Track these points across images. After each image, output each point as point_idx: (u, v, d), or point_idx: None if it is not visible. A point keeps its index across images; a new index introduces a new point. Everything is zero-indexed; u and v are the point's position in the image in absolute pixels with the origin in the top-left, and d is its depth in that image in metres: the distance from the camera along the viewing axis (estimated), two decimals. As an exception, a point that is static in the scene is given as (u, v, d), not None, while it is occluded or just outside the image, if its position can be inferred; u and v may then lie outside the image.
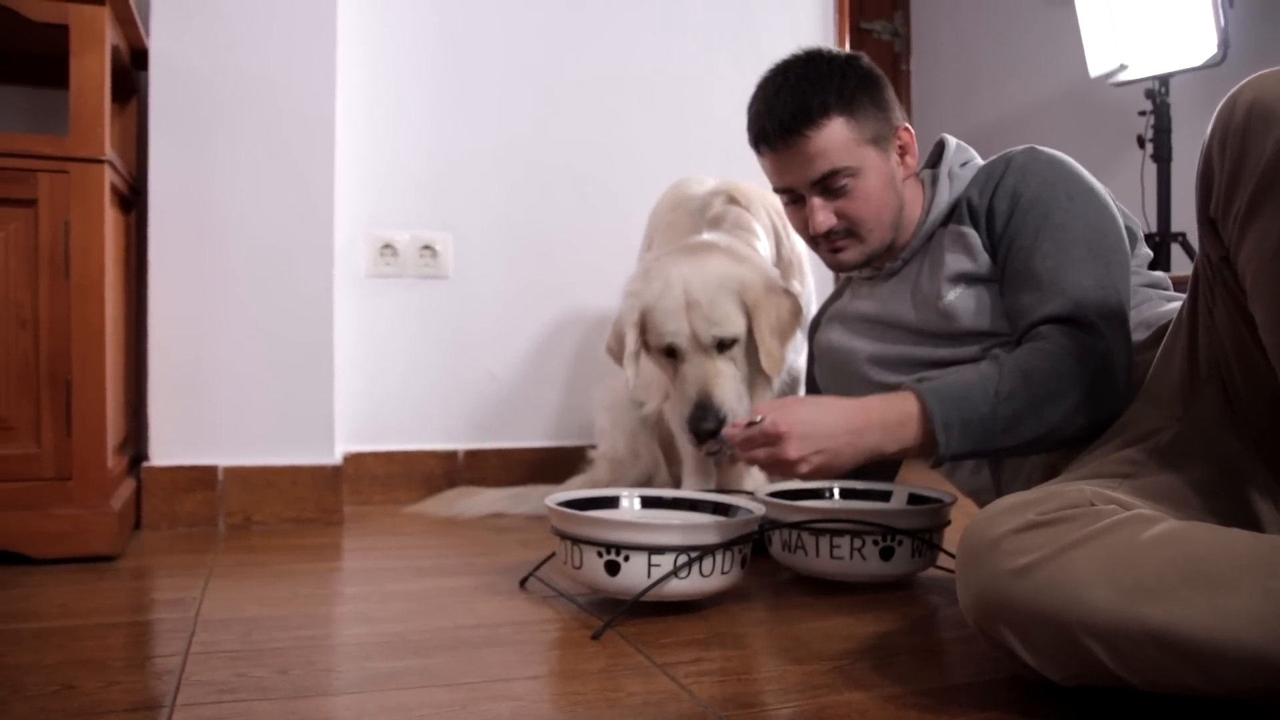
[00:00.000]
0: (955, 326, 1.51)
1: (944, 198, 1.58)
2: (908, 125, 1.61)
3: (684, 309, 1.72)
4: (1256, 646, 0.86)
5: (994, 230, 1.50)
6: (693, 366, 1.72)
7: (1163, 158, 3.06)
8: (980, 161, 1.62)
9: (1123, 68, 3.13)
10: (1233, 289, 1.07)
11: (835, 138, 1.51)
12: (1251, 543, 0.94)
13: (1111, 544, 0.97)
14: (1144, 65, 3.07)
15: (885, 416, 1.37)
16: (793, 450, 1.34)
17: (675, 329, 1.72)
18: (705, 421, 1.65)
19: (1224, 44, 2.84)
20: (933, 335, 1.55)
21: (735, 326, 1.72)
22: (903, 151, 1.59)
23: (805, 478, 1.39)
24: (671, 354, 1.75)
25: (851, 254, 1.59)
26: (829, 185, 1.53)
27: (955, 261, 1.52)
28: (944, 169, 1.61)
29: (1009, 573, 1.01)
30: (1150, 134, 3.08)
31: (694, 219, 2.02)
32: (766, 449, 1.36)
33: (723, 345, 1.72)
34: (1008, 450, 1.39)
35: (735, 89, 2.75)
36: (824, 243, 1.59)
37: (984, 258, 1.50)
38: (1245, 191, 0.97)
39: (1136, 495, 1.09)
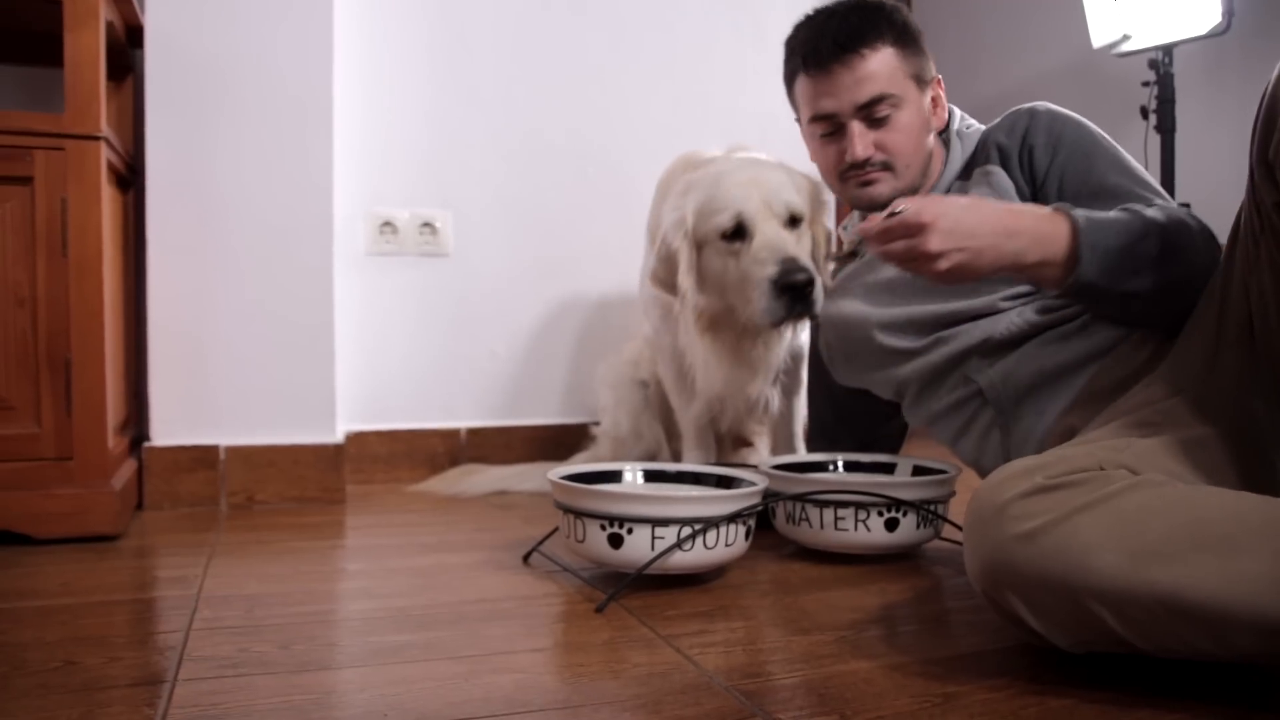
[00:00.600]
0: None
1: (957, 156, 1.64)
2: (940, 77, 1.66)
3: (753, 182, 1.71)
4: (1270, 609, 0.86)
5: (1035, 165, 1.54)
6: (766, 233, 1.67)
7: (1167, 129, 3.04)
8: (982, 127, 1.66)
9: (1126, 38, 3.10)
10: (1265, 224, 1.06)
11: (886, 64, 1.57)
12: (1262, 505, 0.93)
13: (1120, 508, 0.97)
14: (1147, 35, 3.03)
15: (1037, 226, 1.27)
16: (935, 243, 1.23)
17: (744, 196, 1.68)
18: (799, 273, 1.61)
19: (1229, 12, 2.81)
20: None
21: (802, 205, 1.72)
22: (934, 102, 1.65)
23: (941, 278, 1.27)
24: (738, 234, 1.69)
25: (883, 187, 1.61)
26: (873, 113, 1.57)
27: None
28: (953, 132, 1.66)
29: (1016, 537, 1.00)
30: (1154, 105, 3.05)
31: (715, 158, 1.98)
32: (906, 241, 1.24)
33: (792, 221, 1.71)
34: (1126, 297, 1.31)
35: (736, 64, 2.76)
36: (855, 176, 1.61)
37: (1012, 194, 1.53)
38: None
39: (1148, 457, 1.08)
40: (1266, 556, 0.87)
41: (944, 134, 1.68)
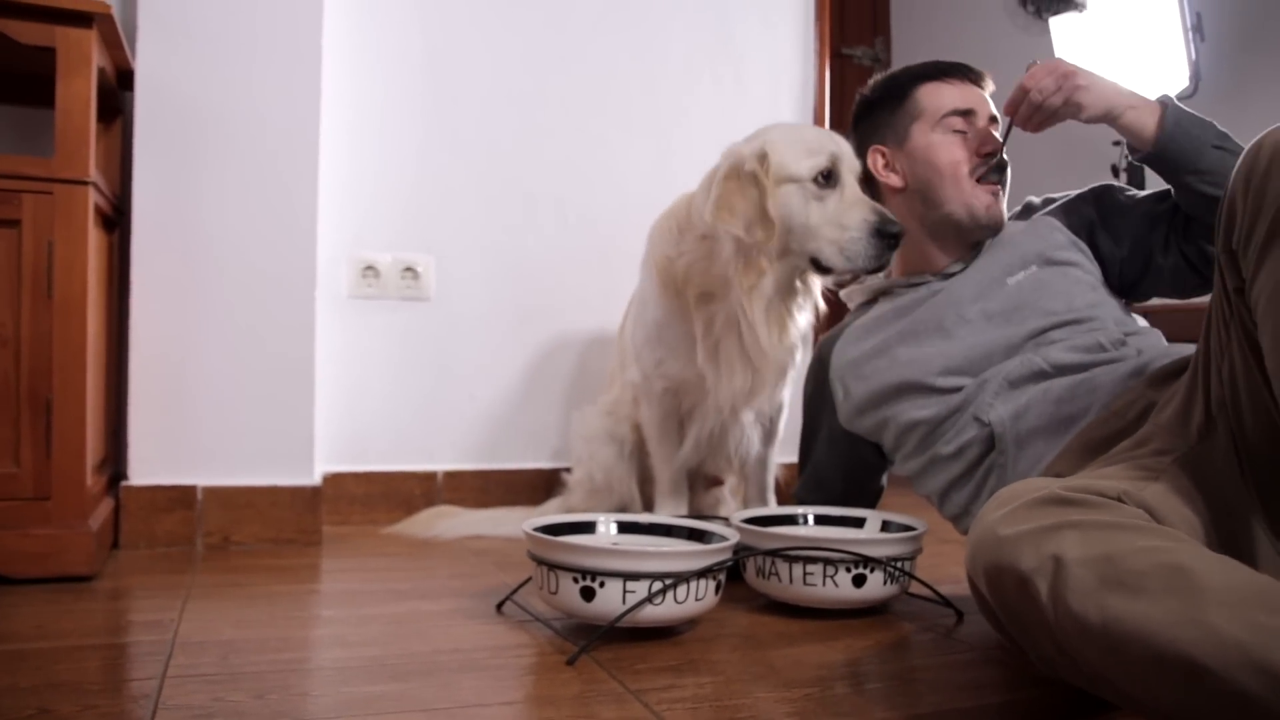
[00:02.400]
0: (1025, 303, 1.63)
1: None
2: None
3: (829, 136, 1.81)
4: (1220, 669, 0.82)
5: (1084, 216, 1.75)
6: (852, 189, 1.77)
7: (1137, 186, 3.10)
8: None
9: (1098, 98, 3.17)
10: (1246, 321, 1.10)
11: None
12: (1256, 578, 0.91)
13: (1110, 538, 0.97)
14: (1119, 96, 3.11)
15: (1139, 96, 1.62)
16: (1065, 66, 1.60)
17: (829, 149, 1.77)
18: (895, 225, 1.71)
19: (1195, 76, 2.90)
20: (994, 318, 1.64)
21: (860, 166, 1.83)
22: None
23: (1067, 103, 1.60)
24: (829, 179, 1.76)
25: (999, 203, 1.75)
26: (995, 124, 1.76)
27: (1032, 244, 1.70)
28: None
29: (1007, 536, 1.02)
30: (1124, 164, 3.13)
31: None
32: (1056, 76, 1.60)
33: (860, 180, 1.80)
34: (1198, 175, 1.55)
35: (717, 114, 2.82)
36: (989, 182, 1.73)
37: (1065, 239, 1.71)
38: (1265, 222, 1.03)
39: (1163, 498, 1.10)
40: (1240, 622, 0.84)
41: None
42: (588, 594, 1.38)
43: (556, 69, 2.65)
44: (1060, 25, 3.24)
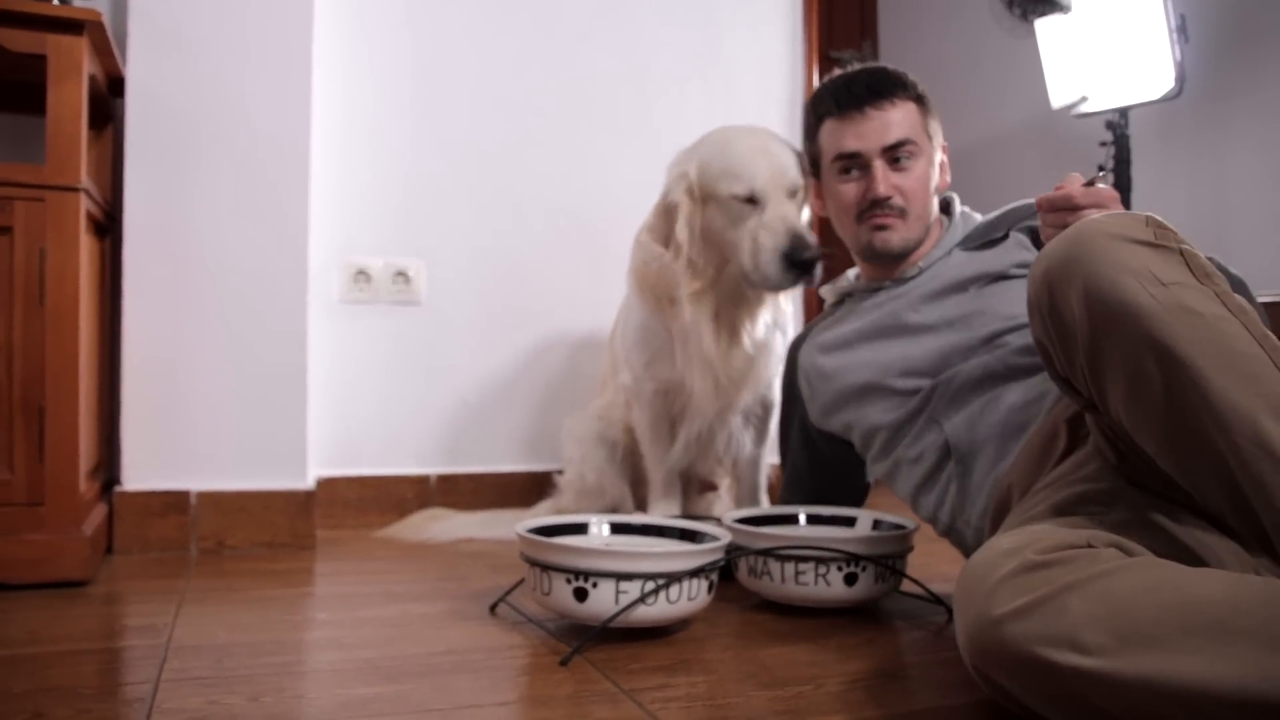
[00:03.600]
0: (983, 309, 1.62)
1: (958, 229, 1.77)
2: (946, 144, 1.79)
3: (764, 150, 1.81)
4: (1256, 693, 0.85)
5: None
6: (778, 207, 1.79)
7: (1123, 188, 3.13)
8: (978, 215, 1.81)
9: (1084, 99, 3.20)
10: (1103, 426, 1.15)
11: (910, 114, 1.71)
12: (1263, 590, 0.92)
13: (1108, 589, 0.96)
14: (1104, 98, 3.14)
15: None
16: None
17: (756, 169, 1.79)
18: (807, 250, 1.74)
19: (1180, 78, 2.92)
20: (955, 323, 1.64)
21: (799, 179, 1.83)
22: (941, 166, 1.77)
23: None
24: (749, 200, 1.80)
25: (894, 235, 1.71)
26: (896, 154, 1.68)
27: (998, 258, 1.66)
28: (955, 208, 1.81)
29: (1003, 617, 0.99)
30: (1111, 165, 3.15)
31: None
32: (1099, 211, 1.33)
33: (792, 194, 1.81)
34: None
35: (706, 119, 2.80)
36: (872, 217, 1.70)
37: (1031, 258, 1.62)
38: (1082, 353, 1.08)
39: (1122, 530, 1.09)
40: (1260, 643, 0.86)
41: (947, 211, 1.81)
42: (581, 595, 1.39)
43: (546, 74, 2.66)
44: (1046, 27, 3.26)
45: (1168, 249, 1.06)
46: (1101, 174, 1.40)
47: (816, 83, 2.96)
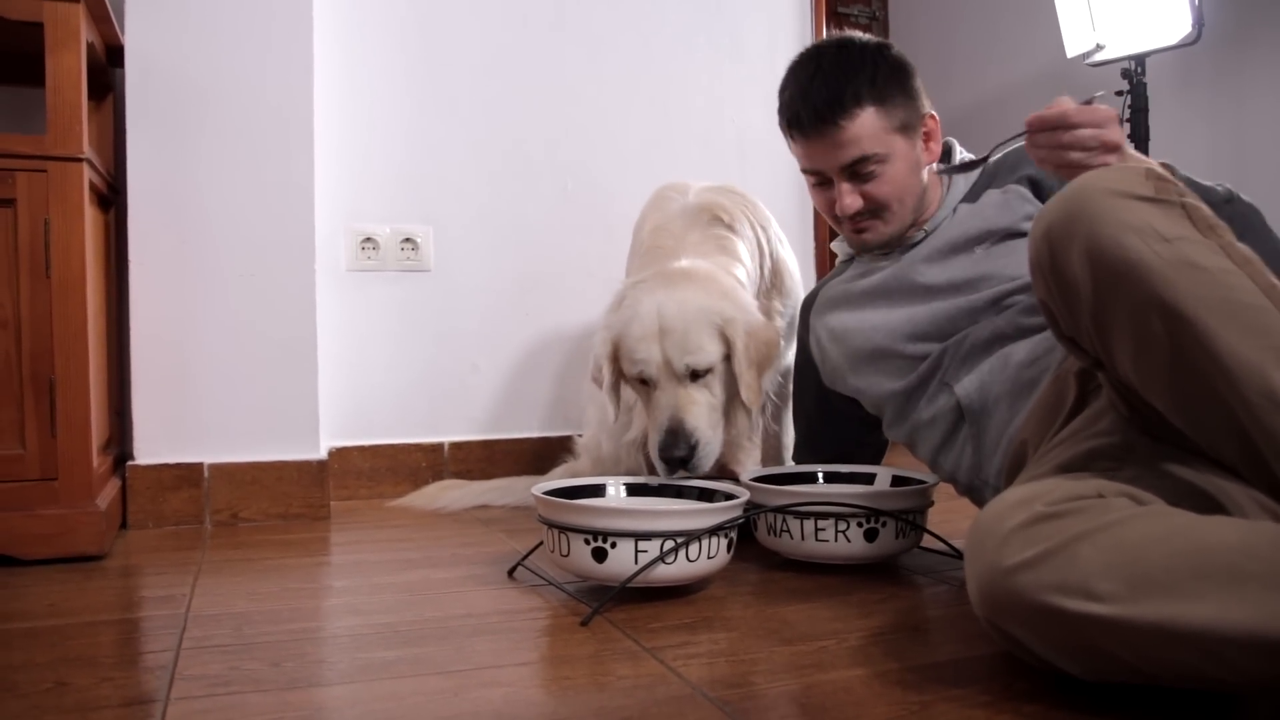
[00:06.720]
0: (990, 273, 1.59)
1: (960, 185, 1.71)
2: (933, 113, 1.69)
3: (655, 336, 1.68)
4: (1272, 635, 0.85)
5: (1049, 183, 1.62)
6: (665, 394, 1.69)
7: (1140, 137, 3.08)
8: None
9: (1099, 48, 3.14)
10: (1113, 381, 1.13)
11: (866, 127, 1.59)
12: (1274, 535, 0.91)
13: (1120, 536, 0.95)
14: (1120, 45, 3.08)
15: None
16: (1117, 134, 1.30)
17: (645, 357, 1.69)
18: (676, 449, 1.64)
19: (1198, 22, 2.85)
20: (961, 287, 1.61)
21: (710, 356, 1.69)
22: (927, 138, 1.68)
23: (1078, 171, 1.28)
24: (645, 383, 1.73)
25: (873, 235, 1.69)
26: (857, 170, 1.62)
27: (1001, 216, 1.62)
28: (957, 157, 1.74)
29: (1015, 566, 0.98)
30: (1127, 114, 3.09)
31: (674, 242, 1.93)
32: (1094, 130, 1.29)
33: (696, 375, 1.69)
34: None
35: (714, 77, 2.79)
36: (848, 223, 1.68)
37: (1035, 210, 1.59)
38: (1086, 313, 1.06)
39: (1135, 484, 1.07)
40: (1272, 586, 0.87)
41: (948, 158, 1.75)
42: (600, 555, 1.38)
43: (552, 36, 2.62)
44: (1059, -26, 3.20)
45: (1169, 203, 1.04)
46: (1097, 98, 1.35)
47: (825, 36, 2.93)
